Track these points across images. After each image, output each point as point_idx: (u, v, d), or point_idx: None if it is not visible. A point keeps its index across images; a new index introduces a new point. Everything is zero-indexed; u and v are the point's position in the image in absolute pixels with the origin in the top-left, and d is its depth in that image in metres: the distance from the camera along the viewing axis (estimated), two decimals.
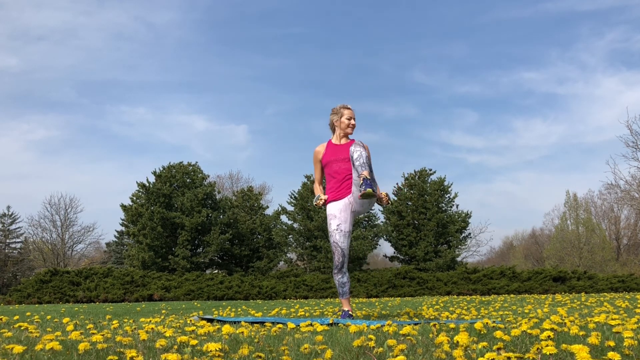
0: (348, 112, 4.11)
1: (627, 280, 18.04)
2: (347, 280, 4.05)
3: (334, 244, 3.99)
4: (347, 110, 4.12)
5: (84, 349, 2.08)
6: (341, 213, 3.99)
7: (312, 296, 17.17)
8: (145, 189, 23.52)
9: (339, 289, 4.07)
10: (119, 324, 3.82)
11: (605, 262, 32.91)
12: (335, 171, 4.05)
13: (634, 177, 24.99)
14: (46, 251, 34.39)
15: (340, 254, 3.96)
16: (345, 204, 4.00)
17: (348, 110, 4.12)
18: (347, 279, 4.04)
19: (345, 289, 4.05)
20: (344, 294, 4.07)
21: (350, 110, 4.13)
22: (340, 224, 3.97)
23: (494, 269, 19.15)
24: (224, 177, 40.19)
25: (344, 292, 4.06)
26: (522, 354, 1.80)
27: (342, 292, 4.07)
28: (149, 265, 22.36)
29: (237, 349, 2.09)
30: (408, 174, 25.07)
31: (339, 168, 4.03)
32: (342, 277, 4.01)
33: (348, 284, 4.06)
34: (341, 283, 4.03)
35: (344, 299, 4.10)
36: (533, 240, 44.39)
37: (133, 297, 16.86)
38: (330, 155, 4.08)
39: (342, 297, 4.09)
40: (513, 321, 3.44)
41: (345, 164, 4.01)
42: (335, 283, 4.08)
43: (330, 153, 4.09)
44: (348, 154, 3.98)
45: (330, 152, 4.09)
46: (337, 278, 4.04)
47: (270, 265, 24.14)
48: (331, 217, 4.01)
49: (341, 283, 4.03)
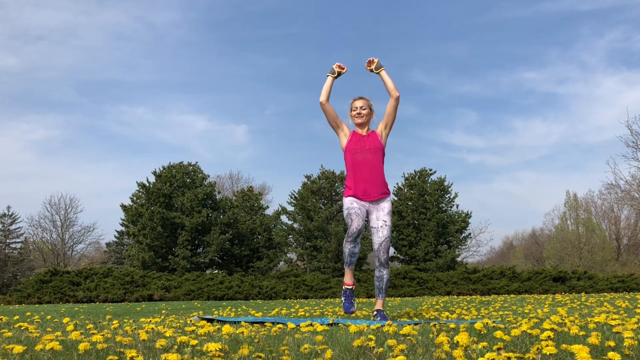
0: (355, 103, 4.16)
1: (627, 280, 18.04)
2: (359, 251, 4.02)
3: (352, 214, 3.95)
4: (355, 101, 4.18)
5: (84, 349, 2.08)
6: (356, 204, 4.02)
7: (312, 296, 17.17)
8: (145, 189, 23.53)
9: (348, 258, 3.99)
10: (119, 324, 3.82)
11: (605, 262, 32.89)
12: (360, 163, 4.03)
13: (634, 177, 24.98)
14: (46, 251, 34.39)
15: (358, 223, 3.93)
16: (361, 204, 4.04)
17: (356, 101, 4.17)
18: (359, 250, 4.01)
19: (354, 259, 4.01)
20: (350, 264, 4.02)
21: (358, 100, 4.17)
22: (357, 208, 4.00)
23: (494, 269, 19.15)
24: (224, 177, 40.23)
25: (351, 262, 4.01)
26: (522, 354, 1.80)
27: (349, 262, 4.01)
28: (149, 265, 22.36)
29: (237, 349, 2.09)
30: (408, 174, 25.09)
31: (364, 159, 4.03)
32: (355, 247, 3.96)
33: (358, 254, 4.03)
34: (352, 252, 3.97)
35: (349, 268, 4.06)
36: (533, 240, 44.38)
37: (133, 297, 16.86)
38: (355, 143, 4.08)
39: (348, 267, 4.04)
40: (513, 321, 3.44)
41: (370, 154, 4.03)
42: (345, 252, 3.99)
43: (355, 140, 4.09)
44: (371, 144, 4.04)
45: (356, 140, 4.10)
46: (348, 247, 3.95)
47: (270, 265, 24.14)
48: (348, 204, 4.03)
49: (352, 252, 3.97)
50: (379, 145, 4.06)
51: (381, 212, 4.04)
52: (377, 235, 4.00)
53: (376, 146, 4.05)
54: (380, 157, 4.07)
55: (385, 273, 4.05)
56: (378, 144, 4.06)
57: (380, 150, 4.06)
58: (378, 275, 4.07)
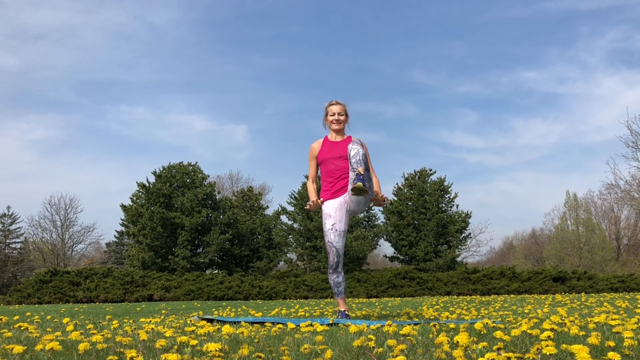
0: (332, 109, 4.09)
1: (627, 280, 18.05)
2: (343, 280, 4.03)
3: (328, 244, 3.96)
4: (331, 106, 4.10)
5: (84, 349, 2.08)
6: (336, 212, 3.94)
7: (312, 296, 17.17)
8: (145, 189, 23.53)
9: (334, 289, 4.05)
10: (119, 324, 3.82)
11: (605, 262, 32.90)
12: (331, 170, 4.01)
13: (634, 177, 25.00)
14: (46, 251, 34.39)
15: (335, 254, 3.93)
16: (340, 203, 3.95)
17: (332, 107, 4.09)
18: (342, 279, 4.02)
19: (341, 288, 4.03)
20: (339, 294, 4.05)
21: (334, 105, 4.09)
22: (335, 224, 3.93)
23: (494, 269, 19.15)
24: (224, 177, 40.23)
25: (339, 291, 4.04)
26: (522, 354, 1.80)
27: (337, 292, 4.05)
28: (149, 265, 22.36)
29: (237, 349, 2.09)
30: (408, 174, 25.10)
31: (334, 167, 3.99)
32: (337, 276, 4.00)
33: (344, 283, 4.04)
34: (336, 283, 4.02)
35: (339, 299, 4.08)
36: (533, 240, 44.39)
37: (133, 297, 16.86)
38: (326, 153, 4.04)
39: (337, 297, 4.07)
40: (513, 321, 3.44)
41: (341, 162, 3.97)
42: (331, 283, 4.07)
43: (326, 150, 4.05)
44: (344, 151, 3.95)
45: (326, 149, 4.06)
46: (332, 278, 4.02)
47: (270, 265, 24.14)
48: (326, 217, 3.97)
49: (336, 283, 4.02)
50: None
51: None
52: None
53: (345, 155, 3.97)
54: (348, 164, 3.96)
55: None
56: None
57: None
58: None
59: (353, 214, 4.06)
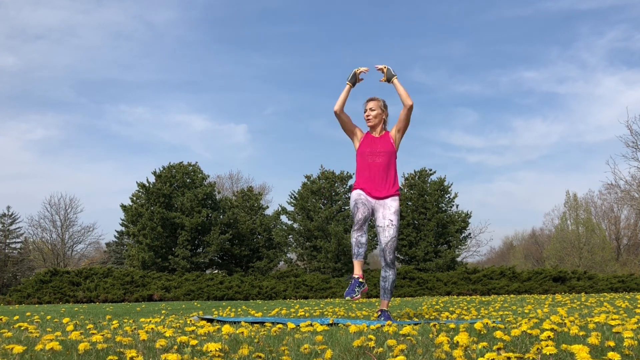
0: (366, 104, 4.12)
1: (627, 280, 18.05)
2: (366, 242, 3.90)
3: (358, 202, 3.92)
4: (367, 103, 4.13)
5: (84, 349, 2.08)
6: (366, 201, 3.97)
7: (312, 296, 17.17)
8: (145, 189, 23.53)
9: (355, 249, 3.85)
10: (119, 324, 3.82)
11: (605, 262, 32.90)
12: (370, 165, 4.00)
13: (634, 177, 25.01)
14: (46, 251, 34.40)
15: (363, 211, 3.88)
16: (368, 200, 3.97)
17: (366, 103, 4.12)
18: (365, 240, 3.88)
19: (362, 250, 3.86)
20: (359, 255, 3.86)
21: (368, 102, 4.11)
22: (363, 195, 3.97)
23: (494, 269, 19.16)
24: (224, 177, 40.25)
25: (359, 253, 3.85)
26: (522, 354, 1.80)
27: (357, 253, 3.85)
28: (149, 265, 22.36)
29: (237, 349, 2.09)
30: (408, 174, 25.10)
31: (373, 162, 4.00)
32: (362, 236, 3.86)
33: (366, 245, 3.89)
34: (360, 242, 3.85)
35: (358, 260, 3.87)
36: (533, 240, 44.39)
37: (133, 297, 16.86)
38: (366, 146, 4.04)
39: (356, 258, 3.87)
40: (513, 321, 3.44)
41: (380, 157, 3.99)
42: (352, 242, 3.88)
43: (367, 144, 4.06)
44: (383, 147, 3.99)
45: (367, 142, 4.06)
46: (355, 236, 3.86)
47: (270, 265, 24.14)
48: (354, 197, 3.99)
49: (360, 242, 3.85)
50: (390, 149, 4.01)
51: (387, 210, 3.94)
52: (383, 235, 3.91)
53: (387, 149, 4.01)
54: (390, 159, 4.02)
55: (391, 274, 3.98)
56: (389, 147, 4.02)
57: (390, 154, 4.02)
58: (384, 275, 4.01)
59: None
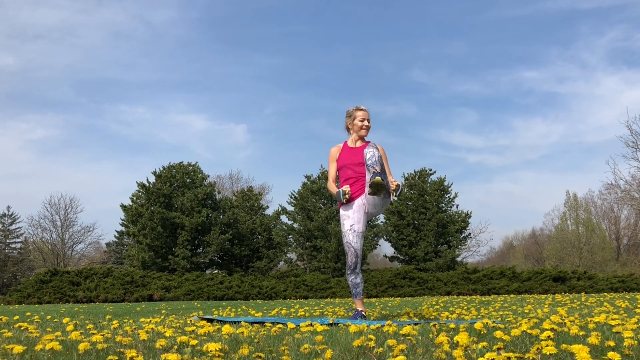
0: (361, 114, 4.06)
1: (627, 280, 18.05)
2: (361, 281, 4.01)
3: (347, 244, 3.95)
4: (360, 111, 4.07)
5: (84, 349, 2.08)
6: (355, 213, 3.94)
7: (312, 296, 17.17)
8: (145, 189, 23.53)
9: (353, 290, 4.04)
10: (119, 324, 3.82)
11: (605, 262, 32.91)
12: (349, 175, 4.01)
13: (634, 177, 25.02)
14: (46, 251, 34.41)
15: (353, 254, 3.93)
16: (358, 205, 3.95)
17: (361, 112, 4.07)
18: (360, 280, 4.00)
19: (359, 289, 4.01)
20: (357, 295, 4.03)
21: (363, 111, 4.08)
22: (354, 224, 3.93)
23: (494, 269, 19.16)
24: (224, 177, 40.25)
25: (357, 292, 4.02)
26: (522, 354, 1.80)
27: (355, 293, 4.04)
28: (149, 265, 22.36)
29: (237, 349, 2.09)
30: (408, 174, 25.09)
31: (352, 172, 3.99)
32: (356, 277, 3.98)
33: (362, 284, 4.02)
34: (355, 284, 4.00)
35: (357, 299, 4.06)
36: (533, 240, 44.39)
37: (133, 297, 16.86)
38: (345, 159, 4.04)
39: (355, 298, 4.06)
40: (513, 321, 3.44)
41: (359, 167, 3.97)
42: (349, 284, 4.05)
43: (345, 157, 4.05)
44: (362, 158, 3.92)
45: (346, 155, 4.05)
46: (350, 279, 4.01)
47: (270, 265, 24.14)
48: (344, 217, 3.97)
49: (355, 284, 4.00)
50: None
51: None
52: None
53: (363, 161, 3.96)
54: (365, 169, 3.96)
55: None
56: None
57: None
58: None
59: (371, 216, 4.06)
